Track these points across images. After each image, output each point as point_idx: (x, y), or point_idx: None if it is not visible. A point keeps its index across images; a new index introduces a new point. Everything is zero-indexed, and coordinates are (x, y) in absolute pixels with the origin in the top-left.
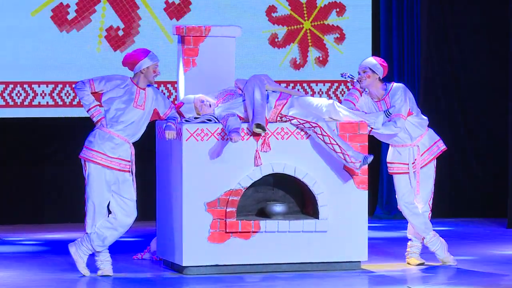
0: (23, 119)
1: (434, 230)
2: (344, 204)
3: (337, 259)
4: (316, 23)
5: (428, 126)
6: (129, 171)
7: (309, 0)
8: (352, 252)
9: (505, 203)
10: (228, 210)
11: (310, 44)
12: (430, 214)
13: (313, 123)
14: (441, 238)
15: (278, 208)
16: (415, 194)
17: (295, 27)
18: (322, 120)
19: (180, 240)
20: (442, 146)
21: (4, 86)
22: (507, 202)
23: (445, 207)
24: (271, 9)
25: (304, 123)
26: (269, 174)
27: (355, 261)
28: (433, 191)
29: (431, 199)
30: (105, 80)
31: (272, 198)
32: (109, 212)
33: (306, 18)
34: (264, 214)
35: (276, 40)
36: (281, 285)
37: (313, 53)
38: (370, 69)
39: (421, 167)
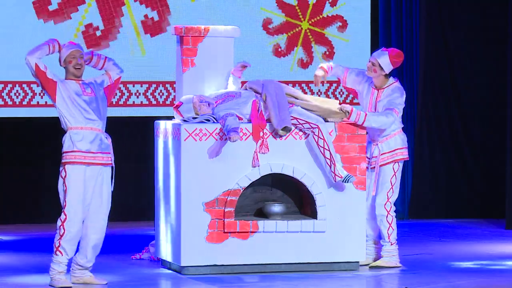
0: (22, 119)
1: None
2: (342, 204)
3: (335, 260)
4: (313, 20)
5: (403, 130)
6: (111, 164)
7: (300, 1)
8: (350, 253)
9: (503, 203)
10: (226, 210)
11: (313, 42)
12: (389, 216)
13: (313, 124)
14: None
15: (277, 208)
16: (371, 193)
17: (294, 31)
18: (322, 122)
19: (178, 240)
20: (405, 155)
21: (3, 85)
22: (506, 202)
23: (443, 207)
24: (267, 22)
25: (303, 123)
26: (267, 174)
27: (353, 262)
28: (390, 196)
29: (388, 202)
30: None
31: (270, 198)
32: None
33: (302, 19)
34: (262, 214)
35: (280, 49)
36: (279, 286)
37: (318, 50)
38: (380, 65)
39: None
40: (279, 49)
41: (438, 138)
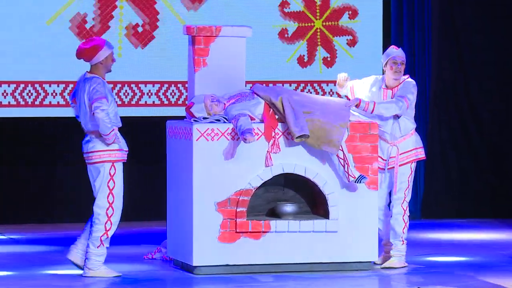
0: (34, 119)
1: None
2: (354, 204)
3: (347, 259)
4: (327, 24)
5: (416, 130)
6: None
7: (323, 0)
8: (362, 252)
9: None
10: (238, 210)
11: (318, 43)
12: (405, 215)
13: None
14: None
15: (289, 208)
16: (393, 193)
17: (306, 24)
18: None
19: (191, 240)
20: (421, 155)
21: (15, 85)
22: None
23: (455, 207)
24: (284, 4)
25: None
26: (279, 174)
27: (365, 261)
28: (407, 195)
29: (405, 201)
30: (105, 97)
31: (282, 198)
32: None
33: (318, 17)
34: (274, 214)
35: (286, 35)
36: (291, 285)
37: (321, 53)
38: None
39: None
40: (286, 35)
41: (448, 118)
